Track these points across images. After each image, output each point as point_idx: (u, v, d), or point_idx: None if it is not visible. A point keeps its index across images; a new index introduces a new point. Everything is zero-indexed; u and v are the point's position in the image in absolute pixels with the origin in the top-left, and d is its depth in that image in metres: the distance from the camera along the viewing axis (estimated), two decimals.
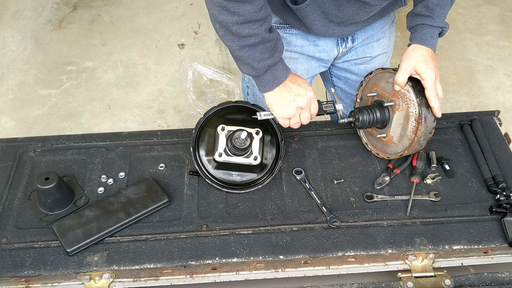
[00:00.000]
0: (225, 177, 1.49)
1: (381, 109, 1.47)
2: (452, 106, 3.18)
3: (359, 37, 1.66)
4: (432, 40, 1.41)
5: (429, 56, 1.39)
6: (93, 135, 1.68)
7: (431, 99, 1.36)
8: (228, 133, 1.47)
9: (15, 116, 3.22)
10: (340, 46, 1.65)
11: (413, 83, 1.39)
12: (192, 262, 1.31)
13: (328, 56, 1.68)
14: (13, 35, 3.85)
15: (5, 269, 1.30)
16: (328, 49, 1.65)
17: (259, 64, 1.34)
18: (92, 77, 3.47)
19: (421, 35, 1.41)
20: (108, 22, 3.95)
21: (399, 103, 1.43)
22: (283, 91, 1.38)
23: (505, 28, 3.77)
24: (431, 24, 1.41)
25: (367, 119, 1.47)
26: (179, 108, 3.21)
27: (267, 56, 1.34)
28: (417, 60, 1.38)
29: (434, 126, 1.39)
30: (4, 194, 1.48)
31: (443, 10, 1.42)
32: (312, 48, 1.64)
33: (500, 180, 1.44)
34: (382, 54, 1.74)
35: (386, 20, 1.67)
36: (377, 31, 1.67)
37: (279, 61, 1.38)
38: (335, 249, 1.32)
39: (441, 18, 1.42)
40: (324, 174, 1.52)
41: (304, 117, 1.42)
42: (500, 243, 1.32)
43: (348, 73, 1.79)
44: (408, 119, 1.40)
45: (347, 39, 1.65)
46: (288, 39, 1.62)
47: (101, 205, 1.42)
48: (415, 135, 1.38)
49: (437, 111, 1.37)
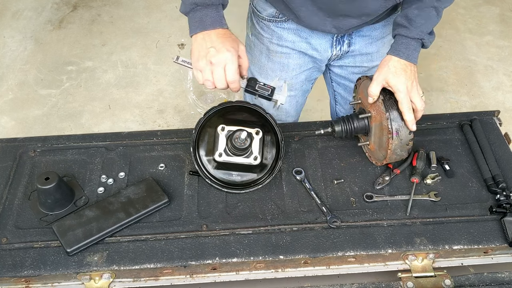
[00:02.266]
0: (225, 177, 1.49)
1: (359, 119, 1.48)
2: (452, 106, 3.18)
3: (356, 43, 1.64)
4: (407, 51, 1.36)
5: (401, 68, 1.35)
6: (93, 135, 1.67)
7: (404, 113, 1.34)
8: (228, 133, 1.47)
9: (15, 116, 3.22)
10: (334, 47, 1.64)
11: (386, 95, 1.38)
12: (192, 262, 1.31)
13: (321, 56, 1.66)
14: (13, 35, 3.85)
15: (5, 269, 1.30)
16: (322, 49, 1.64)
17: None
18: (92, 77, 3.47)
19: (396, 45, 1.38)
20: (108, 22, 3.95)
21: (374, 115, 1.43)
22: (203, 40, 1.29)
23: (505, 28, 3.77)
24: (407, 35, 1.37)
25: (344, 130, 1.49)
26: (179, 108, 3.22)
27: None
28: (388, 71, 1.35)
29: (411, 138, 1.37)
30: (4, 194, 1.48)
31: (424, 21, 1.36)
32: (304, 45, 1.63)
33: (500, 180, 1.44)
34: None
35: (387, 30, 1.64)
36: (376, 39, 1.65)
37: (211, 5, 1.29)
38: (335, 249, 1.32)
39: (420, 29, 1.36)
40: (324, 174, 1.52)
41: (217, 77, 1.29)
42: (500, 243, 1.32)
43: (346, 81, 1.78)
44: (382, 131, 1.40)
45: (343, 42, 1.63)
46: (279, 34, 1.62)
47: (101, 205, 1.42)
48: (387, 148, 1.38)
49: (410, 125, 1.34)
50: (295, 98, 1.81)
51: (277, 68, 1.71)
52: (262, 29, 1.66)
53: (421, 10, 1.36)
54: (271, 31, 1.64)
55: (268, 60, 1.71)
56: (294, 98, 1.81)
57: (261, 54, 1.72)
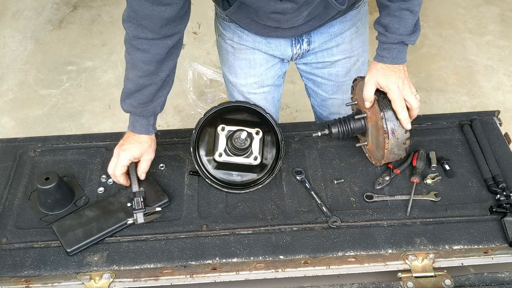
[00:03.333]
0: (225, 177, 1.49)
1: (355, 120, 1.48)
2: (452, 106, 3.18)
3: (315, 41, 1.64)
4: (390, 55, 1.37)
5: (389, 69, 1.37)
6: (93, 135, 1.68)
7: (398, 112, 1.34)
8: (228, 133, 1.47)
9: (15, 116, 3.22)
10: (294, 47, 1.64)
11: (380, 96, 1.38)
12: (192, 262, 1.31)
13: (282, 55, 1.68)
14: (13, 35, 3.85)
15: (5, 269, 1.30)
16: (282, 49, 1.65)
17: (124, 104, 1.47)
18: (92, 77, 3.47)
19: (380, 51, 1.40)
20: (108, 22, 3.95)
21: (370, 115, 1.44)
22: (127, 138, 1.48)
23: (505, 28, 3.77)
24: (385, 42, 1.38)
25: (341, 131, 1.49)
26: (179, 108, 3.21)
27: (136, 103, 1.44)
28: (377, 73, 1.37)
29: (408, 137, 1.38)
30: (4, 194, 1.48)
31: (399, 25, 1.35)
32: (264, 46, 1.65)
33: (500, 180, 1.44)
34: (345, 59, 1.71)
35: (346, 25, 1.64)
36: (335, 35, 1.65)
37: (142, 116, 1.45)
38: (335, 249, 1.32)
39: (397, 33, 1.36)
40: (324, 174, 1.52)
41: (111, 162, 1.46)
42: (500, 243, 1.32)
43: (313, 76, 1.79)
44: (379, 131, 1.40)
45: (302, 41, 1.63)
46: (240, 34, 1.64)
47: (101, 205, 1.42)
48: (384, 148, 1.38)
49: (405, 123, 1.35)
50: (269, 94, 1.81)
51: (245, 65, 1.72)
52: (225, 29, 1.69)
53: (392, 16, 1.35)
54: (232, 31, 1.66)
55: (234, 59, 1.73)
56: (269, 94, 1.81)
57: (228, 53, 1.74)
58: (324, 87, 1.80)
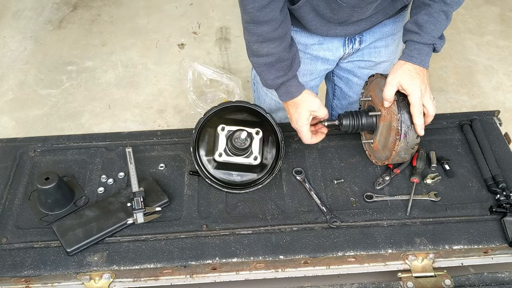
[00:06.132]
0: (225, 177, 1.49)
1: (367, 116, 1.48)
2: (452, 106, 3.18)
3: (367, 39, 1.64)
4: (420, 56, 1.37)
5: (415, 72, 1.36)
6: (93, 135, 1.68)
7: (414, 116, 1.34)
8: (228, 133, 1.47)
9: (15, 116, 3.22)
10: (347, 46, 1.64)
11: (400, 97, 1.38)
12: (192, 262, 1.31)
13: (333, 56, 1.67)
14: (13, 35, 3.85)
15: (5, 269, 1.30)
16: (334, 48, 1.64)
17: (273, 81, 1.48)
18: (92, 77, 3.47)
19: (409, 51, 1.39)
20: (108, 22, 3.95)
21: (384, 114, 1.43)
22: (292, 106, 1.50)
23: (505, 28, 3.77)
24: (418, 41, 1.38)
25: (351, 124, 1.48)
26: (179, 108, 3.21)
27: (281, 74, 1.46)
28: (403, 75, 1.36)
29: (417, 143, 1.38)
30: (4, 194, 1.48)
31: (434, 26, 1.37)
32: (316, 46, 1.63)
33: (500, 180, 1.44)
34: (387, 62, 1.72)
35: (397, 27, 1.64)
36: (386, 35, 1.65)
37: (293, 77, 1.48)
38: (335, 249, 1.32)
39: (431, 35, 1.37)
40: (324, 174, 1.52)
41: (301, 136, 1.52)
42: (500, 243, 1.32)
43: (350, 75, 1.78)
44: (390, 132, 1.40)
45: (355, 40, 1.63)
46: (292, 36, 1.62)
47: (101, 205, 1.42)
48: (393, 149, 1.38)
49: (419, 129, 1.35)
50: None
51: None
52: None
53: (431, 16, 1.36)
54: None
55: None
56: None
57: None
58: (357, 89, 1.79)
